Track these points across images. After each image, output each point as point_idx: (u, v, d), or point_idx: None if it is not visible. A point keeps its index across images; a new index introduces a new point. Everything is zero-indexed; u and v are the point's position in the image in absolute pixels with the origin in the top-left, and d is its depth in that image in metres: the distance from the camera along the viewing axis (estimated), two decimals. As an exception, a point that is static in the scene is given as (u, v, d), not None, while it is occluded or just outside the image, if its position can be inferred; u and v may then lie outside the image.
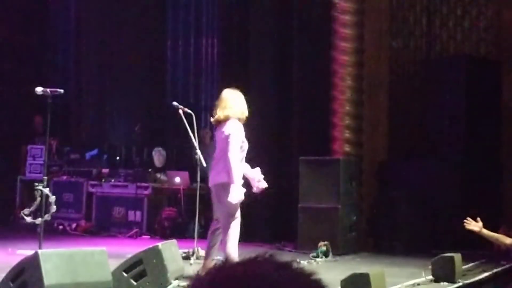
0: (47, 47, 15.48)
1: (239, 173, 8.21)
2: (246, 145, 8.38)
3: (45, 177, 9.19)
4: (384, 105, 11.83)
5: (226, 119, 8.25)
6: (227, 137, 8.15)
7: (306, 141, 11.51)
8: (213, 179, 8.29)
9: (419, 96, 11.88)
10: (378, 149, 11.65)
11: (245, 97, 9.58)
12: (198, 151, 9.70)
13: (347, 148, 11.11)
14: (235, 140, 8.12)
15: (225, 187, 8.10)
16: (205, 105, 14.26)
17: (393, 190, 11.24)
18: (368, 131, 11.41)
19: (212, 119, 8.54)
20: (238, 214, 8.25)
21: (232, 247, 8.13)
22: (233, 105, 8.39)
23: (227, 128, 8.19)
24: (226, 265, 1.26)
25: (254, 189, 8.62)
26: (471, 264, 8.94)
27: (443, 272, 7.88)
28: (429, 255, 8.62)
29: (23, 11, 14.63)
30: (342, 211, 10.36)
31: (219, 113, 8.27)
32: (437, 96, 11.56)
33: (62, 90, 9.01)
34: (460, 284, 7.85)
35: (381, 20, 12.00)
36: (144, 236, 12.03)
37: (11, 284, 6.84)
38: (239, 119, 8.31)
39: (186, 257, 8.95)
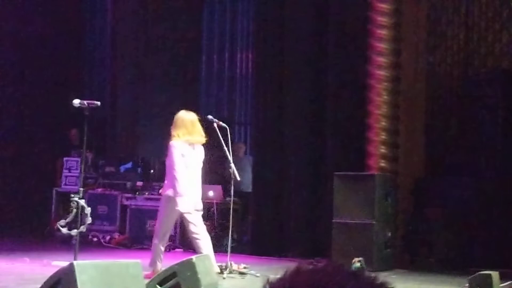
0: (84, 62, 15.63)
1: (183, 187, 8.86)
2: (190, 162, 9.02)
3: (81, 189, 9.19)
4: (421, 120, 11.78)
5: (172, 138, 9.02)
6: (168, 155, 9.17)
7: (341, 156, 11.44)
8: (162, 191, 9.41)
9: (456, 112, 11.81)
10: (414, 165, 11.56)
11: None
12: (232, 165, 9.72)
13: (382, 163, 10.98)
14: (174, 157, 8.88)
15: (167, 199, 9.03)
16: (239, 119, 14.24)
17: (429, 207, 11.14)
18: (404, 146, 11.31)
19: None
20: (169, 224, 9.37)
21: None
22: (179, 126, 9.07)
23: (168, 147, 9.11)
24: (301, 272, 1.23)
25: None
26: (508, 283, 8.79)
27: None
28: (464, 273, 8.57)
29: (62, 28, 14.80)
30: (377, 227, 10.29)
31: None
32: (474, 112, 11.40)
33: (98, 102, 9.02)
34: None
35: (418, 34, 11.96)
36: (177, 249, 12.08)
37: (47, 295, 6.88)
38: (187, 140, 8.97)
39: (220, 271, 8.89)
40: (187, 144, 9.05)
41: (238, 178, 10.12)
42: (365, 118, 11.24)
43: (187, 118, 9.23)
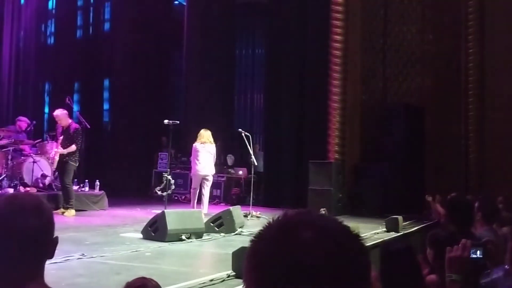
0: (169, 97, 15.25)
1: (196, 166, 9.70)
2: (203, 154, 9.69)
3: (168, 170, 9.44)
4: (358, 129, 11.43)
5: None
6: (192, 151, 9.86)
7: (313, 149, 11.15)
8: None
9: (377, 126, 11.36)
10: (354, 155, 11.30)
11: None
12: (253, 157, 9.92)
13: (336, 155, 10.93)
14: (193, 152, 9.85)
15: (193, 173, 9.83)
16: (257, 130, 14.23)
17: (363, 179, 11.00)
18: (348, 144, 11.08)
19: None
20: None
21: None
22: (198, 136, 9.95)
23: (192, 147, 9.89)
24: (288, 215, 0.90)
25: None
26: (408, 222, 8.69)
27: (392, 227, 7.75)
28: (383, 217, 8.40)
29: (152, 63, 14.24)
30: (333, 192, 10.22)
31: None
32: (388, 126, 11.15)
33: (178, 121, 9.24)
34: (401, 233, 7.70)
35: (357, 76, 11.40)
36: (221, 204, 11.96)
37: (149, 228, 7.08)
38: (201, 142, 9.75)
39: (245, 216, 8.89)
40: (200, 144, 9.71)
41: (256, 164, 10.32)
42: (327, 127, 11.02)
43: (201, 133, 9.91)
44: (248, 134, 9.80)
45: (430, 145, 11.18)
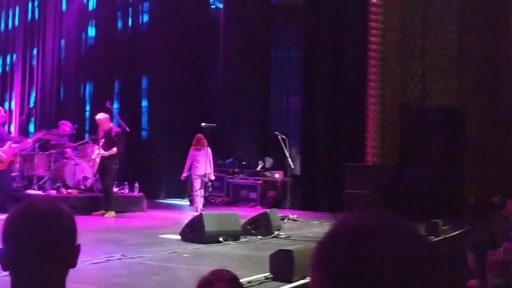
0: (207, 100, 15.20)
1: (195, 168, 10.04)
2: (199, 157, 10.06)
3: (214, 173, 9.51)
4: (397, 131, 11.13)
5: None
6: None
7: (350, 153, 11.05)
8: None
9: (416, 129, 11.10)
10: (393, 158, 11.05)
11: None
12: (289, 159, 9.92)
13: (374, 157, 10.80)
14: (188, 157, 10.13)
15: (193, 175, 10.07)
16: (293, 133, 14.12)
17: (400, 183, 10.60)
18: (386, 148, 10.90)
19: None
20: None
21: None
22: (194, 141, 10.08)
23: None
24: (357, 219, 0.83)
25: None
26: (447, 226, 8.48)
27: (432, 231, 7.51)
28: (422, 221, 8.16)
29: (189, 66, 14.19)
30: (371, 195, 9.96)
31: None
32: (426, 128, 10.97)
33: (215, 124, 9.33)
34: (441, 237, 7.52)
35: (396, 78, 11.16)
36: (258, 207, 11.96)
37: (187, 230, 7.13)
38: (196, 148, 10.02)
39: (282, 219, 8.81)
40: (196, 149, 10.07)
41: (292, 166, 10.31)
42: (364, 130, 10.86)
43: (196, 137, 10.17)
44: (284, 137, 9.80)
45: (470, 149, 10.94)
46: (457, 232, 8.27)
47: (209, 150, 10.23)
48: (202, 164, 10.12)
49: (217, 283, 1.88)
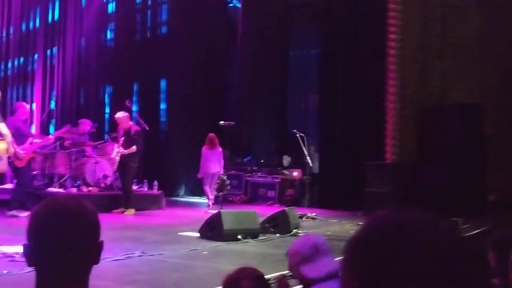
0: (222, 92, 15.08)
1: (203, 168, 10.41)
2: (210, 157, 10.36)
3: (224, 171, 9.57)
4: (416, 128, 10.95)
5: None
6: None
7: (369, 151, 10.96)
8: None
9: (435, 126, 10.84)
10: (412, 155, 10.86)
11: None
12: (308, 157, 9.91)
13: (392, 155, 10.73)
14: (202, 156, 10.42)
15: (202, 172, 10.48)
16: (311, 131, 14.05)
17: (420, 180, 10.35)
18: (403, 145, 10.79)
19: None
20: None
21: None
22: (206, 140, 10.43)
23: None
24: (389, 218, 0.81)
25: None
26: (467, 225, 8.39)
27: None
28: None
29: (207, 65, 14.04)
30: (391, 193, 9.90)
31: None
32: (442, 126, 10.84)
33: (233, 122, 9.33)
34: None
35: (415, 75, 11.04)
36: (276, 205, 11.87)
37: (206, 228, 7.18)
38: (208, 146, 10.34)
39: (300, 217, 8.85)
40: (208, 148, 10.29)
41: (311, 165, 10.30)
42: (383, 128, 10.79)
43: (209, 137, 10.49)
44: (302, 135, 9.79)
45: (491, 145, 10.78)
46: (477, 231, 8.17)
47: (221, 149, 10.47)
48: (214, 163, 10.34)
49: (244, 281, 1.88)
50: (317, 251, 2.21)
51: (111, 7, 15.57)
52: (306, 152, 9.81)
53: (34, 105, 14.76)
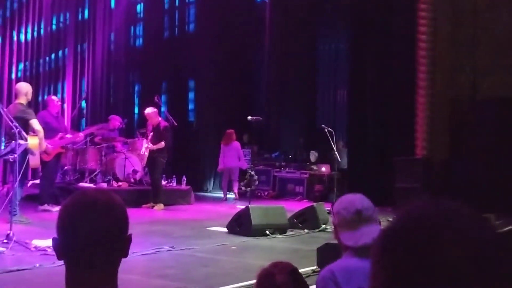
0: (250, 88, 15.10)
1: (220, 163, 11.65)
2: (227, 152, 11.54)
3: (252, 166, 9.58)
4: (447, 123, 10.80)
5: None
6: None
7: (397, 147, 10.85)
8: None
9: (468, 121, 10.70)
10: (443, 151, 10.69)
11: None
12: (336, 152, 9.81)
13: (422, 151, 10.51)
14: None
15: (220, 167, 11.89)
16: (340, 126, 13.96)
17: (451, 176, 10.20)
18: (435, 140, 10.62)
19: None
20: None
21: None
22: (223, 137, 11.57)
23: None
24: (423, 210, 0.79)
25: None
26: (500, 221, 8.39)
27: None
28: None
29: (235, 61, 14.15)
30: (421, 189, 9.71)
31: None
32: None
33: (261, 118, 9.29)
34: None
35: (446, 69, 10.85)
36: (304, 200, 11.90)
37: (234, 223, 7.21)
38: (224, 143, 11.57)
39: (329, 212, 8.66)
40: (224, 143, 11.26)
41: (339, 160, 10.20)
42: (413, 123, 10.58)
43: (226, 133, 11.45)
44: (331, 130, 9.70)
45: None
46: (510, 228, 7.99)
47: (237, 144, 11.34)
48: (229, 158, 11.22)
49: (278, 276, 1.87)
50: (358, 219, 2.05)
51: (139, 7, 15.78)
52: (334, 147, 9.71)
53: (65, 104, 15.01)
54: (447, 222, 0.75)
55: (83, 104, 14.35)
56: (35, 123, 7.18)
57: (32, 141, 6.95)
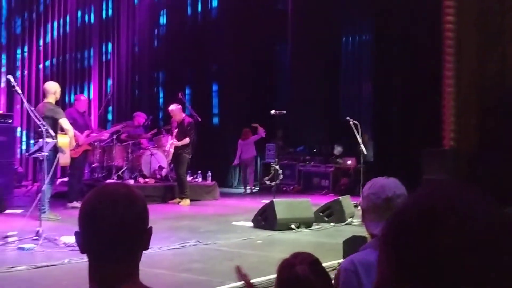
0: (273, 80, 15.03)
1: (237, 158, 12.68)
2: (244, 146, 12.69)
3: (276, 160, 9.57)
4: (475, 114, 10.99)
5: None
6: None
7: (425, 137, 10.87)
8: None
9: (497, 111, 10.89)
10: (471, 143, 10.84)
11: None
12: (362, 145, 9.73)
13: (450, 142, 10.52)
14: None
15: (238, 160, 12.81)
16: (365, 118, 13.84)
17: (479, 168, 10.45)
18: (463, 131, 10.72)
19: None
20: None
21: None
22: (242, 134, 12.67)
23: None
24: (431, 196, 0.76)
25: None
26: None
27: None
28: None
29: (258, 54, 14.07)
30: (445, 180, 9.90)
31: None
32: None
33: (284, 112, 9.22)
34: None
35: (473, 58, 11.11)
36: (330, 194, 11.91)
37: (259, 217, 7.23)
38: (242, 138, 12.46)
39: (355, 206, 8.53)
40: (241, 139, 12.11)
41: (365, 153, 10.12)
42: (440, 114, 10.62)
43: (244, 131, 12.31)
44: (356, 122, 9.63)
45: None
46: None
47: (253, 137, 12.33)
48: (245, 152, 12.24)
49: (299, 266, 1.87)
50: (387, 207, 1.96)
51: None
52: (360, 140, 9.64)
53: (91, 101, 15.22)
54: (453, 209, 0.73)
55: (109, 109, 14.50)
56: (64, 122, 7.30)
57: (62, 140, 7.08)
